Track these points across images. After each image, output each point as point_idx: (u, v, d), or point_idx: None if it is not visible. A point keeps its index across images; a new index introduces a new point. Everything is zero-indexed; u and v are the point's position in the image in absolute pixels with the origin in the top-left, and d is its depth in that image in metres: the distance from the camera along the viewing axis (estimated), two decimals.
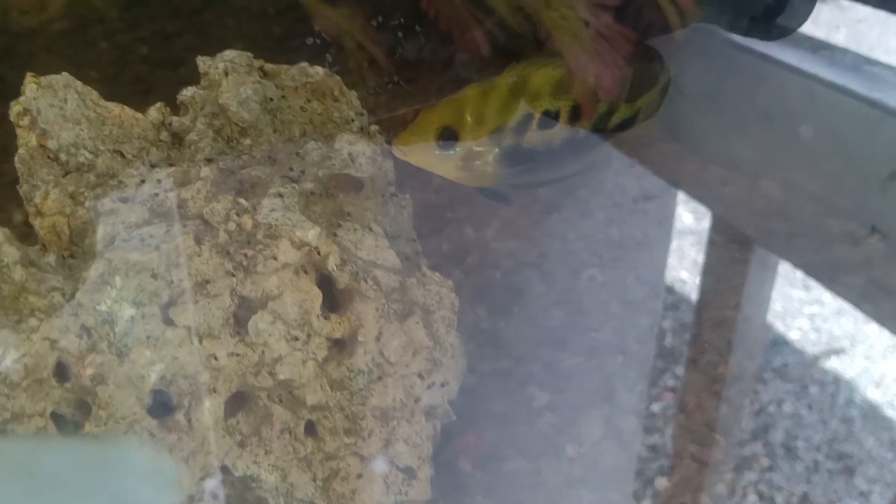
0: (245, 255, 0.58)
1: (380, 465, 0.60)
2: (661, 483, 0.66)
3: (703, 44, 1.05)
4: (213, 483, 0.56)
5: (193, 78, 0.70)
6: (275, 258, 0.58)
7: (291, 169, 0.63)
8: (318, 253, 0.59)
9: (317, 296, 0.59)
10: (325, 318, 0.59)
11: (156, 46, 1.15)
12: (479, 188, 0.71)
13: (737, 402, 0.71)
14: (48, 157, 0.61)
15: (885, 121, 0.92)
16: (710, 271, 0.87)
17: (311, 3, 0.84)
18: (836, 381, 0.77)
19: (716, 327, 0.78)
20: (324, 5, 0.85)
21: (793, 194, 0.95)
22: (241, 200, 0.60)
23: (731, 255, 0.89)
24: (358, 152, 0.64)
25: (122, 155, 0.64)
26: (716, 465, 0.67)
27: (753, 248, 0.91)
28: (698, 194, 0.99)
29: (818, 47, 1.03)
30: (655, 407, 0.72)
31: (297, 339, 0.58)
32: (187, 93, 0.69)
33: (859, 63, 1.00)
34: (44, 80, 0.62)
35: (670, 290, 0.85)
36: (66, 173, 0.61)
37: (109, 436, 0.54)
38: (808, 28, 0.96)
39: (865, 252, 0.85)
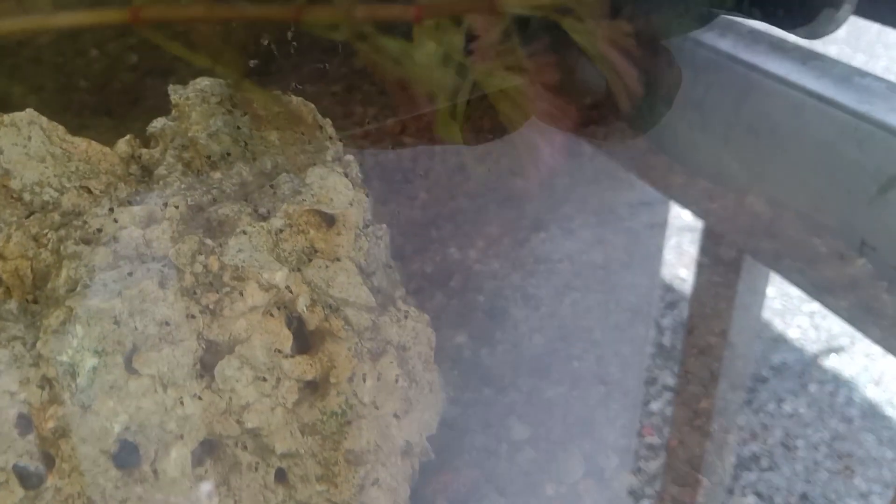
0: (211, 298, 0.56)
1: None
2: None
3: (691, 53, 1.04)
4: None
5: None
6: (242, 300, 0.57)
7: (260, 206, 0.62)
8: (289, 292, 0.58)
9: (286, 337, 0.58)
10: (296, 359, 0.58)
11: (145, 55, 1.13)
12: None
13: (721, 438, 0.69)
14: (11, 196, 0.60)
15: (874, 134, 0.90)
16: (697, 293, 0.85)
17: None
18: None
19: (700, 355, 0.76)
20: None
21: (779, 210, 0.94)
22: (208, 241, 0.58)
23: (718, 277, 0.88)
24: (329, 187, 0.63)
25: (90, 191, 0.62)
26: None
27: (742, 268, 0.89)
28: (686, 209, 0.98)
29: (808, 58, 1.02)
30: (635, 443, 0.70)
31: (265, 382, 0.56)
32: (157, 124, 0.67)
33: (849, 74, 0.98)
34: (6, 118, 0.60)
35: (655, 312, 0.83)
36: (30, 213, 0.59)
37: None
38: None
39: (854, 272, 0.84)
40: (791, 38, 0.98)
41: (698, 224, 0.96)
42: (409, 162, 0.99)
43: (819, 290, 0.84)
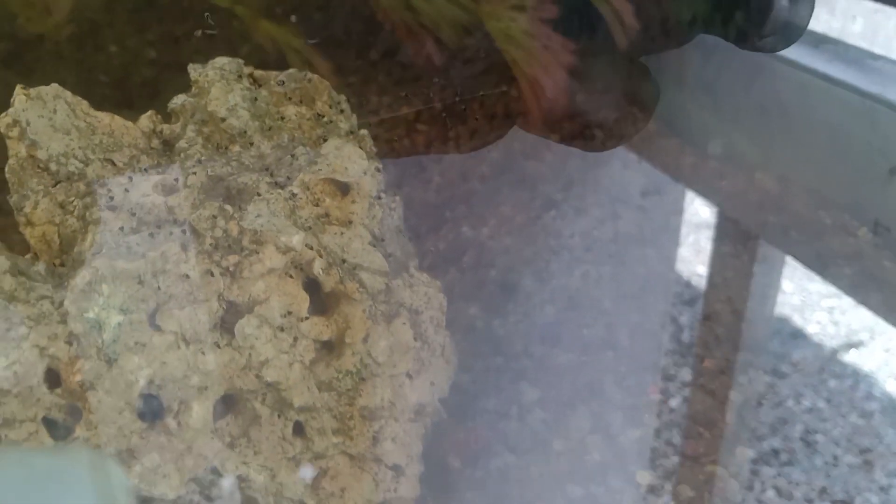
0: (231, 261, 0.59)
1: (369, 464, 0.61)
2: (644, 477, 0.66)
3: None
4: (203, 484, 0.57)
5: None
6: (261, 263, 0.59)
7: (278, 176, 0.64)
8: (307, 255, 0.60)
9: (303, 299, 0.60)
10: (312, 320, 0.60)
11: (164, 49, 1.15)
12: None
13: (721, 395, 0.71)
14: (38, 167, 0.62)
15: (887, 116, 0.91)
16: (711, 265, 0.87)
17: None
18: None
19: (706, 321, 0.78)
20: None
21: (791, 188, 0.95)
22: (227, 207, 0.60)
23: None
24: (344, 157, 0.65)
25: (113, 163, 0.64)
26: (698, 456, 0.67)
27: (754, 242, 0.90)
28: (697, 189, 0.99)
29: (820, 42, 1.03)
30: (642, 401, 0.72)
31: (283, 341, 0.59)
32: (177, 101, 0.69)
33: (861, 58, 0.99)
34: (33, 91, 0.63)
35: (666, 284, 0.85)
36: (56, 183, 0.62)
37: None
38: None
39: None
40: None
41: (710, 203, 0.97)
42: (423, 148, 1.01)
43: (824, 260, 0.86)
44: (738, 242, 0.91)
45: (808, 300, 0.86)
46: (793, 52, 1.00)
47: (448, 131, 0.96)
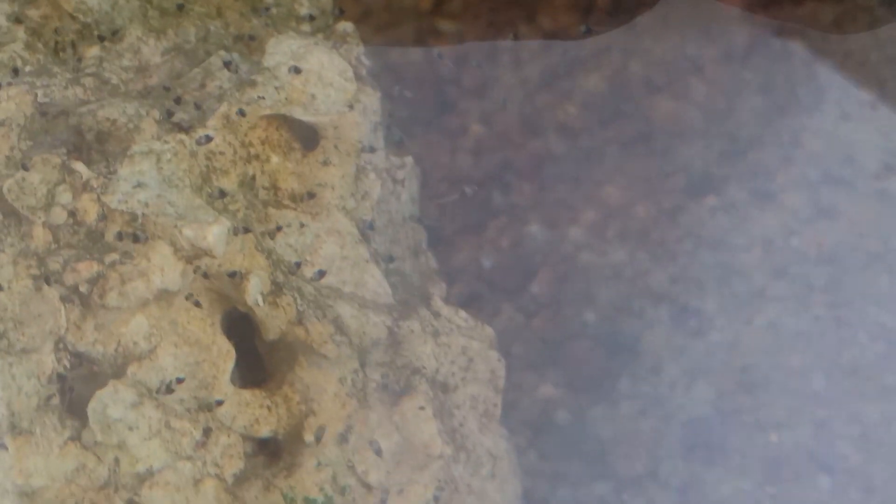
0: (83, 273, 0.58)
1: None
2: None
3: None
4: None
5: None
6: (142, 278, 0.58)
7: (178, 103, 0.64)
8: (227, 268, 0.59)
9: (225, 354, 0.59)
10: (241, 396, 0.59)
11: None
12: None
13: None
14: None
15: None
16: None
17: None
18: None
19: None
20: None
21: None
22: (78, 167, 0.59)
23: None
24: (309, 73, 0.64)
25: None
26: None
27: None
28: None
29: None
30: None
31: (183, 436, 0.58)
32: None
33: None
34: None
35: None
36: None
37: None
38: None
39: None
40: None
41: None
42: (452, 67, 1.00)
43: None
44: None
45: None
46: None
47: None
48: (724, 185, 0.96)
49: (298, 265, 0.62)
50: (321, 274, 0.63)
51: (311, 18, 0.69)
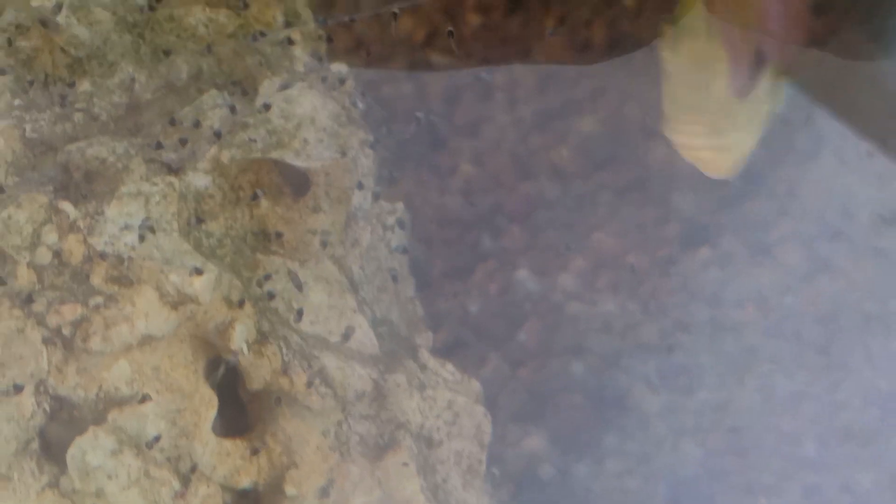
0: (67, 316, 0.58)
1: None
2: None
3: None
4: None
5: None
6: (126, 323, 0.58)
7: (167, 148, 0.64)
8: (213, 316, 0.59)
9: (207, 403, 0.59)
10: (223, 445, 0.59)
11: None
12: None
13: None
14: None
15: None
16: None
17: None
18: None
19: None
20: None
21: None
22: (66, 205, 0.59)
23: None
24: (305, 115, 0.64)
25: None
26: None
27: None
28: None
29: None
30: None
31: (163, 486, 0.58)
32: None
33: None
34: None
35: None
36: None
37: None
38: None
39: None
40: None
41: None
42: (442, 101, 1.00)
43: None
44: None
45: None
46: None
47: (521, 30, 0.96)
48: (720, 235, 0.96)
49: (286, 313, 0.62)
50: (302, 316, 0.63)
51: (311, 65, 0.69)
